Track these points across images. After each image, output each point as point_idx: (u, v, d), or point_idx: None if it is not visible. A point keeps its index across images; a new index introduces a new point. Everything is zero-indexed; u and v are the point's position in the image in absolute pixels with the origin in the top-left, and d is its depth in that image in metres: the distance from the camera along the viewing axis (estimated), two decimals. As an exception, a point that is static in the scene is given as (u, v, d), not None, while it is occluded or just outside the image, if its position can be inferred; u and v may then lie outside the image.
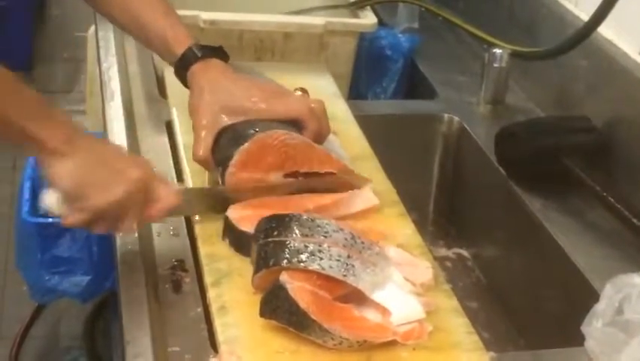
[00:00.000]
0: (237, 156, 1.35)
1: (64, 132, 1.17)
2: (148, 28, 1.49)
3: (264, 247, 1.18)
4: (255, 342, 1.14)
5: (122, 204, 1.19)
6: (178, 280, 1.26)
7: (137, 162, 1.24)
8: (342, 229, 1.20)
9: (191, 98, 1.44)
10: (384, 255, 1.22)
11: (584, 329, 1.18)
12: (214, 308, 1.20)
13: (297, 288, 1.12)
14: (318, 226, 1.19)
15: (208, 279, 1.25)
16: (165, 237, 1.34)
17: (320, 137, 1.43)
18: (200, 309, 1.21)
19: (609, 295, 1.18)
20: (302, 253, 1.16)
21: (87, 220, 1.19)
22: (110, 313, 2.57)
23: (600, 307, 1.18)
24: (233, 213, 1.32)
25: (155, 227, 1.36)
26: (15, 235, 2.41)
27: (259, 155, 1.36)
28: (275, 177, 1.38)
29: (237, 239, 1.29)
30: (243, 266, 1.26)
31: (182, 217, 1.38)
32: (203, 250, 1.30)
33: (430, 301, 1.21)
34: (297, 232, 1.18)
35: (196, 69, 1.44)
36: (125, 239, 1.32)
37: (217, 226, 1.33)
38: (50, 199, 1.19)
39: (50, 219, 2.33)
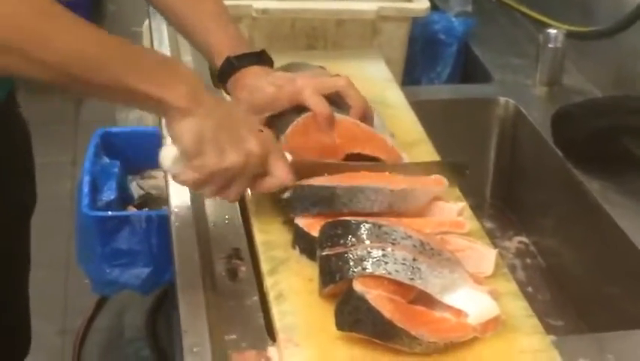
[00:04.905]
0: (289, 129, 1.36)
1: (187, 90, 1.16)
2: (193, 34, 1.49)
3: (327, 261, 1.16)
4: (313, 329, 1.13)
5: (234, 173, 1.19)
6: (234, 269, 1.26)
7: (259, 134, 1.23)
8: (410, 236, 1.16)
9: None
10: (455, 259, 1.17)
11: (646, 310, 1.16)
12: (271, 296, 1.20)
13: (377, 297, 1.09)
14: (386, 233, 1.16)
15: (264, 267, 1.25)
16: (220, 226, 1.35)
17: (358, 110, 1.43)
18: (256, 297, 1.21)
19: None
20: (366, 260, 1.12)
21: (197, 181, 1.19)
22: (171, 305, 2.59)
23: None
24: (303, 220, 1.28)
25: (210, 216, 1.36)
26: (75, 229, 2.45)
27: (301, 140, 1.35)
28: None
29: (309, 246, 1.25)
30: (299, 253, 1.26)
31: (237, 206, 1.38)
32: (259, 238, 1.30)
33: (494, 289, 1.19)
34: (364, 239, 1.15)
35: (234, 80, 1.44)
36: (180, 229, 1.33)
37: (272, 213, 1.33)
38: (166, 154, 1.19)
39: (110, 213, 2.37)
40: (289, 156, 1.29)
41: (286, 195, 1.29)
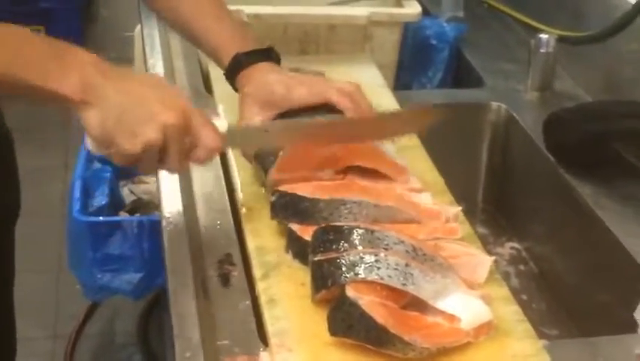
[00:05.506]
0: (275, 168, 1.34)
1: (80, 81, 1.12)
2: (197, 34, 1.49)
3: (319, 266, 1.15)
4: (305, 334, 1.13)
5: (157, 149, 1.14)
6: (226, 274, 1.26)
7: (173, 103, 1.16)
8: (402, 241, 1.16)
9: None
10: (447, 265, 1.17)
11: (637, 315, 1.16)
12: (263, 301, 1.19)
13: (370, 302, 1.09)
14: (378, 238, 1.15)
15: (257, 272, 1.25)
16: (212, 230, 1.35)
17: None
18: (248, 302, 1.21)
19: (662, 280, 1.17)
20: (358, 266, 1.12)
21: (127, 162, 1.16)
22: (162, 310, 2.59)
23: (653, 292, 1.17)
24: (296, 224, 1.28)
25: (202, 221, 1.36)
26: (67, 234, 2.44)
27: (301, 157, 1.34)
28: (326, 173, 1.35)
29: (302, 250, 1.24)
30: (291, 258, 1.26)
31: (229, 211, 1.38)
32: (251, 243, 1.30)
33: (486, 294, 1.19)
34: (356, 244, 1.15)
35: (242, 76, 1.44)
36: (172, 235, 1.33)
37: (264, 218, 1.33)
38: (90, 143, 1.17)
39: (101, 218, 2.37)
40: (224, 123, 1.24)
41: (272, 199, 1.29)
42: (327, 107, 1.39)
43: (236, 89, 1.46)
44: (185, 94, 1.23)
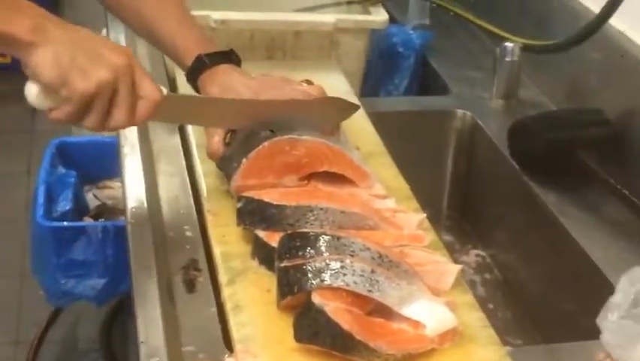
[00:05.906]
0: (238, 174, 1.34)
1: (31, 23, 1.13)
2: (159, 36, 1.48)
3: (285, 273, 1.15)
4: (270, 340, 1.13)
5: (108, 90, 1.15)
6: (191, 280, 1.26)
7: (119, 49, 1.19)
8: (368, 248, 1.16)
9: None
10: (412, 271, 1.17)
11: (600, 321, 1.17)
12: (229, 307, 1.19)
13: (335, 309, 1.09)
14: (344, 245, 1.15)
15: (222, 278, 1.24)
16: (178, 236, 1.34)
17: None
18: (214, 308, 1.21)
19: (624, 287, 1.17)
20: (324, 272, 1.12)
21: (74, 112, 1.16)
22: (126, 316, 2.57)
23: (615, 299, 1.17)
24: (263, 231, 1.28)
25: (168, 226, 1.36)
26: (30, 239, 2.42)
27: (265, 164, 1.34)
28: (290, 180, 1.36)
29: (269, 256, 1.24)
30: (257, 264, 1.26)
31: (195, 217, 1.38)
32: (217, 249, 1.30)
33: (451, 301, 1.19)
34: (323, 251, 1.15)
35: (205, 77, 1.44)
36: (137, 240, 1.32)
37: (230, 224, 1.32)
38: (31, 92, 1.15)
39: (65, 223, 2.35)
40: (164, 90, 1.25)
41: (238, 205, 1.29)
42: None
43: (197, 91, 1.46)
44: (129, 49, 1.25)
